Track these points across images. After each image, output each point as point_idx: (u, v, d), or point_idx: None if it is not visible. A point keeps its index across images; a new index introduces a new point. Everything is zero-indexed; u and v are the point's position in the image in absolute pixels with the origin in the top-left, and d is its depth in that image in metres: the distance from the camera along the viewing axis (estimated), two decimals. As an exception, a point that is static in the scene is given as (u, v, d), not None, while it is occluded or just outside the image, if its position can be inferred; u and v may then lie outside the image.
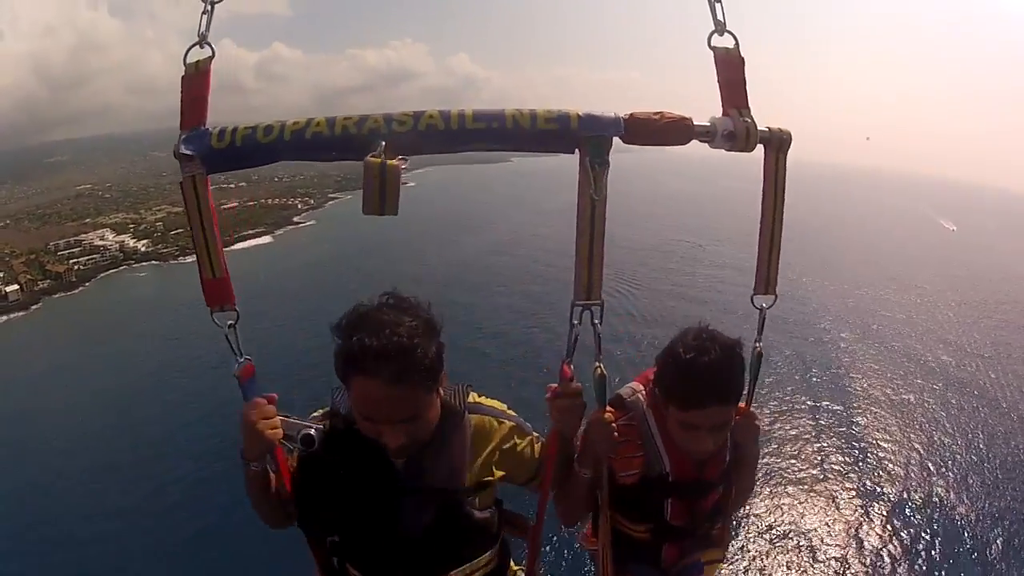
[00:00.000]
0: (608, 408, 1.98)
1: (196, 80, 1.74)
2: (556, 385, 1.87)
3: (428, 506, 1.81)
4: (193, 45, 1.73)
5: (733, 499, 2.32)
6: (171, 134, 1.72)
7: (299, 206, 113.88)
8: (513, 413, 1.99)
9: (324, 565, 2.00)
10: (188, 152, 1.69)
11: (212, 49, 1.74)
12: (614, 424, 1.96)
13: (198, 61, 1.74)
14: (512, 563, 2.20)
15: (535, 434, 2.02)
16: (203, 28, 1.73)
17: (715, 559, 2.41)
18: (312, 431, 1.78)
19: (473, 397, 1.94)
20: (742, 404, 2.19)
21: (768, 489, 27.99)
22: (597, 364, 1.85)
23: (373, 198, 1.51)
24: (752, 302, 2.02)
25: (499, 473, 1.92)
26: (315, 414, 1.93)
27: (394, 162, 1.51)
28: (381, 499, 1.79)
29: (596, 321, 1.79)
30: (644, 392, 2.19)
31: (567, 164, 1.77)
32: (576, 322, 1.79)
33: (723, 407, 1.96)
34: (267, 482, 1.87)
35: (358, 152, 1.59)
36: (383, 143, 1.57)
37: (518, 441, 1.95)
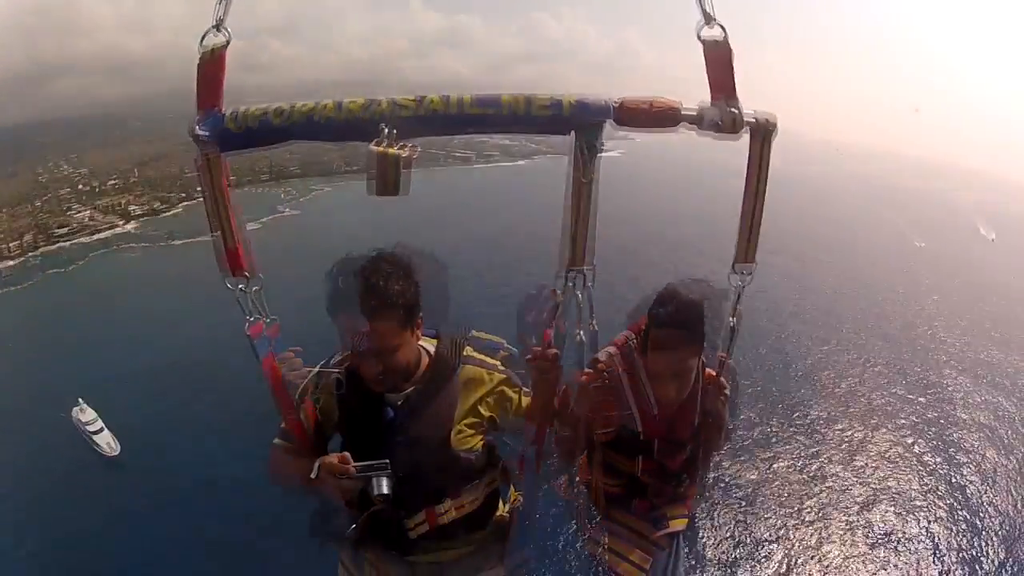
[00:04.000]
0: (586, 370, 2.16)
1: (211, 65, 1.78)
2: (537, 348, 2.01)
3: (416, 449, 2.08)
4: (209, 30, 1.73)
5: (700, 460, 2.53)
6: (152, 116, 1.78)
7: (282, 196, 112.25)
8: (504, 367, 2.23)
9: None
10: (203, 133, 1.77)
11: (228, 34, 1.75)
12: (591, 385, 2.15)
13: (214, 48, 1.75)
14: (501, 503, 2.49)
15: (524, 388, 2.23)
16: (220, 13, 1.72)
17: (679, 514, 2.62)
18: (339, 374, 2.07)
19: (472, 334, 2.24)
20: (712, 371, 2.34)
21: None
22: (578, 331, 1.96)
23: (379, 183, 1.59)
24: (732, 269, 2.00)
25: (487, 414, 2.19)
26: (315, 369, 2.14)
27: (394, 151, 1.59)
28: (376, 441, 2.06)
29: (588, 284, 1.88)
30: (620, 354, 2.34)
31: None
32: (570, 285, 1.87)
33: (684, 349, 2.19)
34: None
35: (365, 135, 1.66)
36: (387, 129, 1.63)
37: (506, 390, 2.21)
